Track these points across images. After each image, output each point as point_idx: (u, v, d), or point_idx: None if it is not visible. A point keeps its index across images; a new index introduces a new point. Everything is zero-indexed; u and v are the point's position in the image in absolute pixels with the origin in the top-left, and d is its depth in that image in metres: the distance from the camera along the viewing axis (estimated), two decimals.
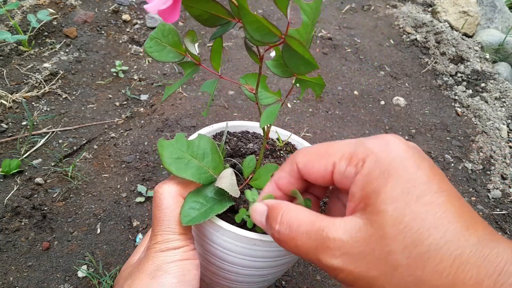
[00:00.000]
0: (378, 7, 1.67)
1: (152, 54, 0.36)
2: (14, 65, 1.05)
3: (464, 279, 0.21)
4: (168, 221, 0.34)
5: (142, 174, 0.82)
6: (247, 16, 0.26)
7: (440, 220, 0.23)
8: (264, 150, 0.43)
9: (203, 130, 0.50)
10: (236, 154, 0.50)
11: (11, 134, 0.86)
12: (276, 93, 0.43)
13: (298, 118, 1.04)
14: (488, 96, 1.24)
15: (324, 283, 0.68)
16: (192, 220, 0.34)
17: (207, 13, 0.30)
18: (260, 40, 0.28)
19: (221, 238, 0.38)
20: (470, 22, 1.53)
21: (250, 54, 0.35)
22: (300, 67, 0.30)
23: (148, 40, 0.36)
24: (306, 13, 0.33)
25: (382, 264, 0.23)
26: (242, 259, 0.39)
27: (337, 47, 1.37)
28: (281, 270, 0.45)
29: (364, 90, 1.19)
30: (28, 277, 0.62)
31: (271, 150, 0.52)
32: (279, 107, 0.36)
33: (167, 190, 0.36)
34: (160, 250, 0.33)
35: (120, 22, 1.30)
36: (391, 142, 0.26)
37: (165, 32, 0.36)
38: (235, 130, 0.54)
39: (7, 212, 0.70)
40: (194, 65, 0.38)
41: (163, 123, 0.95)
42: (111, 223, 0.72)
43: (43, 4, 1.24)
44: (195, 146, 0.38)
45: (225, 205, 0.36)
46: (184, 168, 0.36)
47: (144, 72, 1.13)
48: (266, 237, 0.36)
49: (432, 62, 1.37)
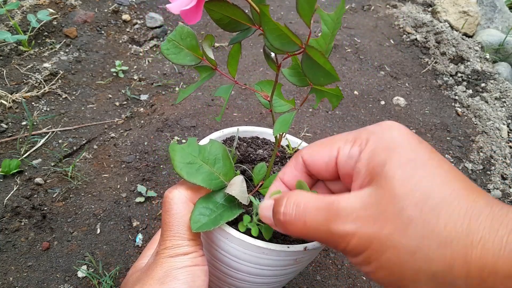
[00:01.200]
0: (378, 7, 1.67)
1: (169, 56, 0.36)
2: (14, 65, 1.05)
3: (479, 228, 0.21)
4: (177, 226, 0.34)
5: (142, 174, 0.82)
6: (268, 23, 0.26)
7: (448, 179, 0.23)
8: (274, 158, 0.43)
9: (214, 135, 0.49)
10: (246, 160, 0.50)
11: (11, 134, 0.86)
12: (291, 101, 0.43)
13: (298, 118, 1.04)
14: (488, 96, 1.24)
15: (324, 283, 0.68)
16: (202, 226, 0.34)
17: (228, 18, 0.30)
18: (280, 49, 0.28)
19: (229, 245, 0.38)
20: (470, 22, 1.53)
21: (269, 62, 0.34)
22: (319, 78, 0.29)
23: (165, 42, 0.36)
24: (326, 24, 0.33)
25: (395, 221, 0.23)
26: (249, 266, 0.39)
27: (337, 47, 1.36)
28: (287, 278, 0.45)
29: (364, 90, 1.19)
30: (28, 277, 0.62)
31: (281, 157, 0.51)
32: (293, 115, 0.36)
33: (177, 195, 0.36)
34: (169, 256, 0.33)
35: (120, 22, 1.30)
36: (392, 125, 0.27)
37: (183, 35, 0.36)
38: (245, 135, 0.53)
39: (7, 212, 0.70)
40: (211, 70, 0.38)
41: (163, 123, 0.95)
42: (111, 223, 0.72)
43: (43, 4, 1.24)
44: (207, 151, 0.38)
45: (235, 212, 0.36)
46: (195, 173, 0.36)
47: (144, 72, 1.13)
48: (273, 246, 0.36)
49: (432, 62, 1.37)
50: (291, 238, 0.41)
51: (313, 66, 0.28)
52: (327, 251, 0.72)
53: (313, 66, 0.28)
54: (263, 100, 0.40)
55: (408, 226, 0.23)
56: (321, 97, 0.38)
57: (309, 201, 0.27)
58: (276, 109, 0.42)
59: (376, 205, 0.24)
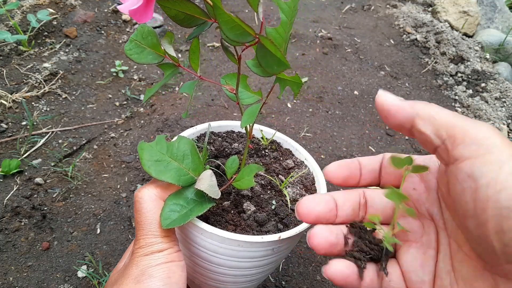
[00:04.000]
0: (378, 7, 1.67)
1: (132, 56, 0.36)
2: (14, 65, 1.05)
3: None
4: (149, 224, 0.34)
5: (142, 174, 0.82)
6: (221, 15, 0.26)
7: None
8: (248, 150, 0.43)
9: (187, 132, 0.50)
10: (220, 154, 0.50)
11: (11, 134, 0.86)
12: (257, 92, 0.43)
13: (298, 118, 1.04)
14: (488, 96, 1.24)
15: (324, 283, 0.67)
16: (173, 223, 0.34)
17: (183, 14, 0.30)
18: (235, 40, 0.28)
19: (205, 240, 0.38)
20: (470, 22, 1.53)
21: (227, 54, 0.35)
22: (273, 66, 0.30)
23: (128, 43, 0.36)
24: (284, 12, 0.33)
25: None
26: (227, 260, 0.39)
27: (337, 47, 1.36)
28: (268, 269, 0.45)
29: (364, 90, 1.19)
30: (28, 277, 0.62)
31: (256, 149, 0.52)
32: (260, 106, 0.36)
33: (147, 193, 0.36)
34: (144, 254, 0.33)
35: (120, 22, 1.30)
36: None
37: (144, 34, 0.36)
38: (220, 130, 0.54)
39: (7, 212, 0.70)
40: (174, 66, 0.38)
41: (163, 123, 0.95)
42: (111, 223, 0.72)
43: (43, 4, 1.24)
44: (175, 147, 0.38)
45: (206, 206, 0.36)
46: (163, 171, 0.36)
47: (144, 72, 1.13)
48: (248, 237, 0.36)
49: (432, 62, 1.37)
50: (266, 229, 0.41)
51: (266, 55, 0.29)
52: None
53: (266, 55, 0.29)
54: (229, 94, 0.40)
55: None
56: (284, 86, 0.39)
57: None
58: (244, 101, 0.42)
59: None
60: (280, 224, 0.42)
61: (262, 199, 0.45)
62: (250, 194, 0.45)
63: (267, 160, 0.50)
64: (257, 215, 0.42)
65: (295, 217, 0.43)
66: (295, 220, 0.43)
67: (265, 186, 0.47)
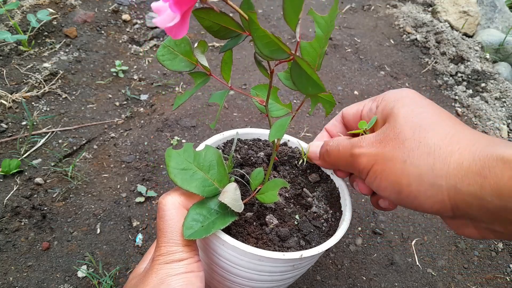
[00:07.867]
0: (378, 7, 1.67)
1: (164, 63, 0.36)
2: (14, 65, 1.05)
3: (459, 142, 0.29)
4: (171, 232, 0.34)
5: (142, 174, 0.82)
6: (257, 31, 0.26)
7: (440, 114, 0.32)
8: (273, 162, 0.43)
9: (214, 138, 0.49)
10: (246, 163, 0.49)
11: (11, 134, 0.86)
12: (287, 105, 0.42)
13: (298, 118, 1.04)
14: (488, 96, 1.24)
15: (324, 283, 0.68)
16: (194, 234, 0.34)
17: (218, 25, 0.30)
18: (269, 56, 0.28)
19: (225, 251, 0.37)
20: (470, 22, 1.53)
21: (260, 68, 0.34)
22: (307, 88, 0.29)
23: (160, 48, 0.36)
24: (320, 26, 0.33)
25: (394, 141, 0.32)
26: (247, 272, 0.39)
27: (337, 47, 1.36)
28: (288, 282, 0.45)
29: (364, 90, 1.19)
30: (28, 277, 0.62)
31: (281, 161, 0.51)
32: (289, 120, 0.35)
33: (171, 201, 0.36)
34: (164, 262, 0.33)
35: (120, 22, 1.30)
36: (403, 88, 0.36)
37: (178, 41, 0.36)
38: (246, 137, 0.53)
39: (7, 212, 0.70)
40: (205, 75, 0.38)
41: (163, 123, 0.95)
42: (111, 223, 0.72)
43: (43, 4, 1.24)
44: (202, 157, 0.38)
45: (228, 219, 0.36)
46: (189, 180, 0.36)
47: (144, 72, 1.13)
48: (269, 253, 0.36)
49: (432, 62, 1.37)
50: (288, 245, 0.41)
51: (301, 75, 0.28)
52: (327, 251, 0.72)
53: (301, 75, 0.28)
54: (259, 105, 0.40)
55: (403, 143, 0.31)
56: (316, 103, 0.38)
57: (344, 139, 0.37)
58: (273, 113, 0.41)
59: (383, 135, 0.33)
60: (302, 241, 0.41)
61: (285, 212, 0.44)
62: (273, 207, 0.45)
63: (295, 171, 0.50)
64: (280, 230, 0.41)
65: (318, 234, 0.43)
66: (318, 238, 0.42)
67: (289, 199, 0.46)
